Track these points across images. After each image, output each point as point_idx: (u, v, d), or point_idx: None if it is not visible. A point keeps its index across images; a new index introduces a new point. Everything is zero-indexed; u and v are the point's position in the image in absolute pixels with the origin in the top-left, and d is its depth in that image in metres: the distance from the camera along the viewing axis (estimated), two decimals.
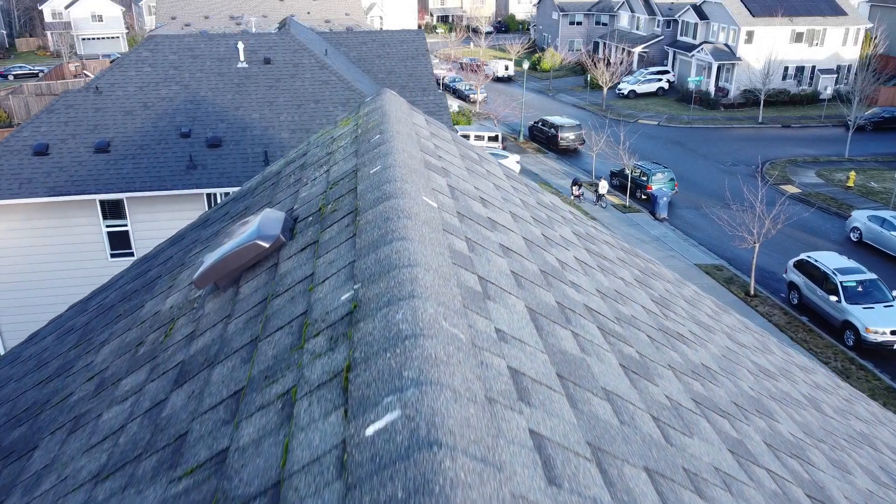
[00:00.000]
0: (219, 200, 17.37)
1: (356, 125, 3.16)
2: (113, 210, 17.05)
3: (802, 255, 25.55)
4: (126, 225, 17.22)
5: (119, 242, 17.37)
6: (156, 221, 17.27)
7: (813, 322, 24.20)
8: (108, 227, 17.18)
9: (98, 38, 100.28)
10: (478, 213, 2.46)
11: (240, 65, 19.39)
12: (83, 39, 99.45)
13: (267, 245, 2.36)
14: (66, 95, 18.07)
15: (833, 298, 23.34)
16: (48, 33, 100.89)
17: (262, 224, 2.40)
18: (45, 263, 17.05)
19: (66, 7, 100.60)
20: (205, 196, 17.16)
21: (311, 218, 2.44)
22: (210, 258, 2.37)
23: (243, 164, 17.22)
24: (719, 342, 3.16)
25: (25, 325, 16.89)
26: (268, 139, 17.82)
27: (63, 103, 17.84)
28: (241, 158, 17.35)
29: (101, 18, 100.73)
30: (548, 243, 2.72)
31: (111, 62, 61.97)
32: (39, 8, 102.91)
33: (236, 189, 15.84)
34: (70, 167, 16.60)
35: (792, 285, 25.58)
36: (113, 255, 17.38)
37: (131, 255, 17.42)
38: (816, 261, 24.68)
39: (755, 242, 25.49)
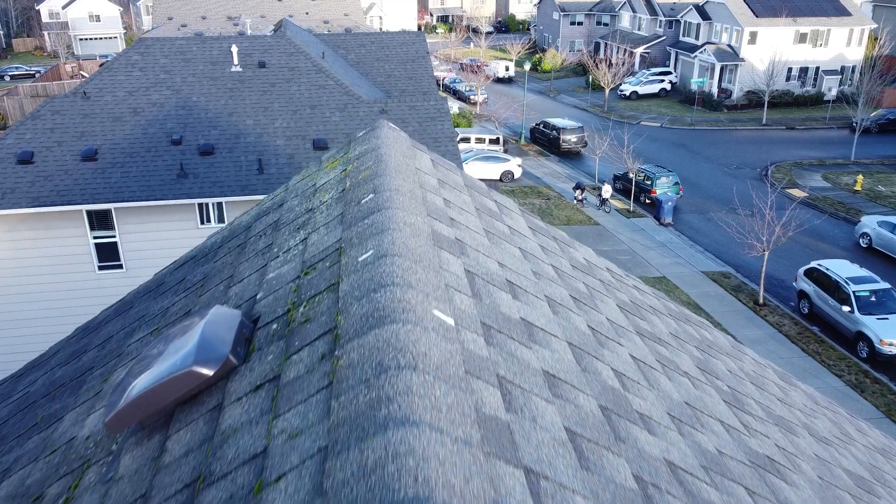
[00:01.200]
0: (211, 211, 16.68)
1: (344, 171, 2.48)
2: (100, 220, 16.35)
3: (813, 263, 24.85)
4: (114, 236, 16.52)
5: (107, 254, 16.67)
6: (146, 232, 16.59)
7: (824, 332, 23.51)
8: (95, 238, 16.48)
9: (96, 39, 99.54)
10: (507, 314, 1.79)
11: (233, 69, 18.68)
12: (80, 40, 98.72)
13: (210, 373, 1.68)
14: (52, 101, 17.36)
15: (846, 309, 22.65)
16: (45, 33, 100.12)
17: (206, 335, 1.71)
18: (29, 276, 16.35)
19: (64, 7, 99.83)
20: (196, 206, 16.45)
21: (275, 325, 1.76)
22: (133, 387, 1.69)
23: (237, 173, 16.52)
24: (807, 450, 2.50)
25: (8, 342, 16.23)
26: (262, 146, 17.12)
27: (49, 109, 17.13)
28: (234, 166, 16.64)
29: (98, 18, 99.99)
30: (598, 343, 2.06)
31: (100, 65, 60.87)
32: (37, 8, 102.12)
33: (228, 199, 15.06)
34: (55, 176, 15.90)
35: (802, 294, 24.88)
36: (101, 268, 16.69)
37: (120, 266, 16.74)
38: (828, 269, 23.98)
39: (764, 250, 24.79)
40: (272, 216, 2.58)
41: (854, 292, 22.64)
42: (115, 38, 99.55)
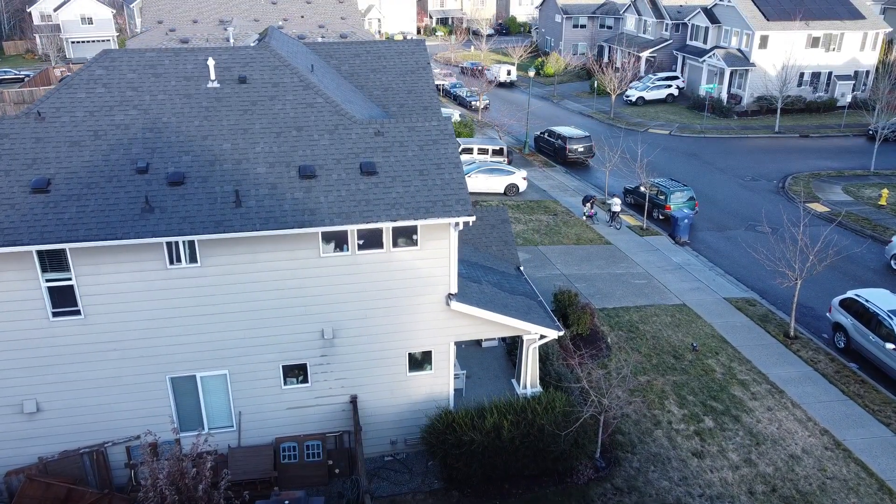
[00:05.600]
0: (181, 250, 14.56)
1: None
2: (54, 261, 14.22)
3: (850, 293, 22.75)
4: (70, 278, 14.38)
5: (62, 299, 14.51)
6: (107, 274, 14.45)
7: (864, 370, 21.41)
8: (48, 281, 14.34)
9: (88, 42, 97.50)
10: None
11: (210, 84, 16.53)
12: (72, 42, 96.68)
13: None
14: (0, 122, 15.21)
15: (889, 346, 20.56)
16: (36, 36, 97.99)
17: None
18: None
19: (55, 9, 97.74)
20: (164, 245, 14.31)
21: None
22: None
23: (210, 206, 14.37)
24: None
25: None
26: (240, 174, 14.99)
27: None
28: (207, 199, 14.50)
29: (90, 21, 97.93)
30: None
31: (59, 80, 58.18)
32: (28, 10, 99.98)
33: (200, 237, 12.81)
34: (0, 211, 13.76)
35: (837, 326, 22.79)
36: (55, 314, 14.53)
37: (77, 313, 14.58)
38: (867, 300, 21.89)
39: (797, 279, 22.67)
40: None
41: None
42: (108, 40, 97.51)
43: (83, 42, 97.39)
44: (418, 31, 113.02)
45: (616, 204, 33.52)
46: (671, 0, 71.00)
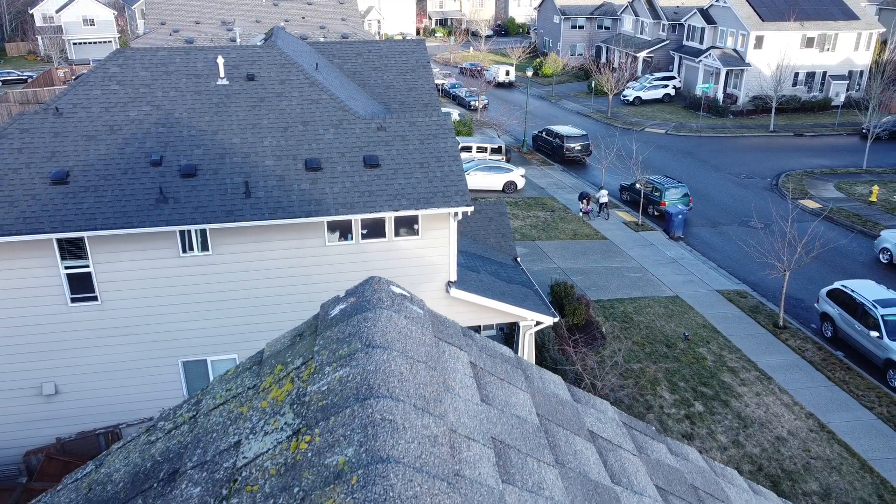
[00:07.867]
0: (194, 238, 15.29)
1: (294, 444, 1.13)
2: (73, 249, 14.95)
3: (836, 284, 23.47)
4: (88, 266, 15.11)
5: (81, 285, 15.26)
6: (122, 262, 15.20)
7: (850, 358, 22.14)
8: (67, 268, 15.07)
9: (90, 43, 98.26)
10: None
11: (219, 82, 17.29)
12: (74, 44, 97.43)
13: None
14: (21, 118, 15.96)
15: (874, 334, 21.29)
16: (38, 38, 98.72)
17: None
18: None
19: (57, 11, 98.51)
20: (177, 233, 15.06)
21: None
22: None
23: (221, 197, 15.12)
24: None
25: None
26: (249, 167, 15.73)
27: (17, 127, 15.73)
28: (218, 190, 15.25)
29: (92, 22, 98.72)
30: None
31: (74, 78, 59.18)
32: (30, 12, 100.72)
33: (212, 226, 13.57)
34: (22, 201, 14.50)
35: (825, 316, 23.51)
36: (74, 300, 15.28)
37: (94, 299, 15.33)
38: (853, 291, 22.61)
39: (785, 271, 23.41)
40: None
41: (882, 316, 21.29)
42: (110, 42, 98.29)
43: (85, 43, 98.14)
44: (417, 32, 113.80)
45: (604, 196, 34.48)
46: (668, 1, 71.80)
